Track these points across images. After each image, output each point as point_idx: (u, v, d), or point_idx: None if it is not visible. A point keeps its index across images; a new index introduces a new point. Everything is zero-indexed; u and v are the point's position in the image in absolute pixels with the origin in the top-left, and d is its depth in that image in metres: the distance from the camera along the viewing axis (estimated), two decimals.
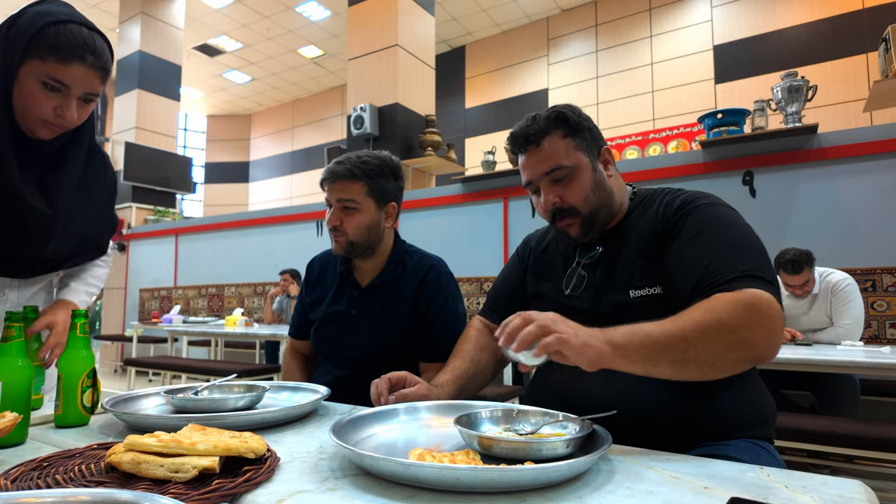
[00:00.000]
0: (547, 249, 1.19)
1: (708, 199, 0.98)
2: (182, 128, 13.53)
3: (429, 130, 5.13)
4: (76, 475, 0.61)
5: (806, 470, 0.68)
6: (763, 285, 0.82)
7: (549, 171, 1.01)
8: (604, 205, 1.03)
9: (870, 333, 2.93)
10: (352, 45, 5.68)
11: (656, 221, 0.99)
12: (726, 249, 0.88)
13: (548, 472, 0.58)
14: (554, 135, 1.01)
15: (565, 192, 1.01)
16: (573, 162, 1.01)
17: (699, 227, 0.92)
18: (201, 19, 9.34)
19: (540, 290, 1.14)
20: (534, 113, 1.05)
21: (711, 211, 0.95)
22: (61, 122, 0.98)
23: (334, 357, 1.43)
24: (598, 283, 1.03)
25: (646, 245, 0.99)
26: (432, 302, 1.37)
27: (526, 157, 1.04)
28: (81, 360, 0.90)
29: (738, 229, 0.92)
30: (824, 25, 6.68)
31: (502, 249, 4.20)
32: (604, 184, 1.03)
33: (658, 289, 0.95)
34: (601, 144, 1.06)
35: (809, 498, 0.57)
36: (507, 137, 1.08)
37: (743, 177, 3.32)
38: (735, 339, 0.78)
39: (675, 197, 1.01)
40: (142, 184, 6.88)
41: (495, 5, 8.64)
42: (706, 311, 0.79)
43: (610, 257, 1.04)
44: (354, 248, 1.36)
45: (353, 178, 1.33)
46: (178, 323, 5.10)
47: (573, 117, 1.02)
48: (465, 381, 1.11)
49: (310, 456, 0.73)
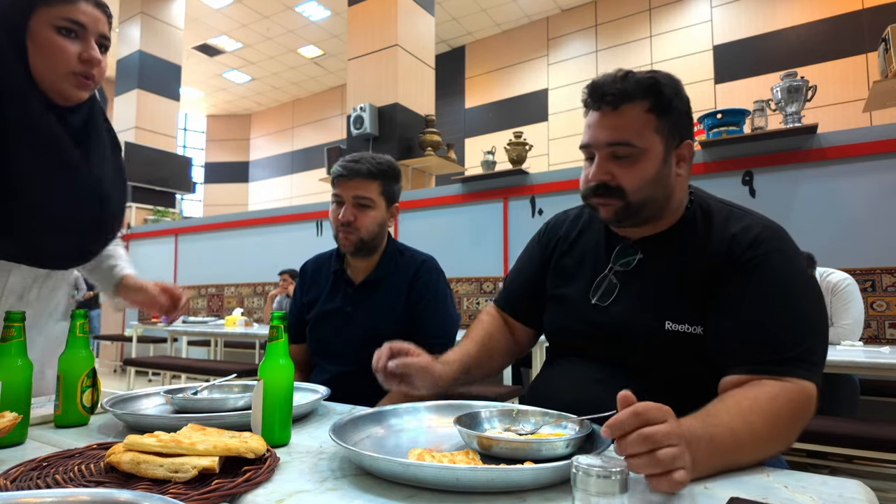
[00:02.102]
0: (577, 243, 1.05)
1: (782, 241, 0.86)
2: (182, 128, 13.53)
3: (429, 130, 5.13)
4: (76, 475, 0.61)
5: (805, 470, 0.68)
6: (815, 375, 0.77)
7: (614, 143, 0.87)
8: (655, 201, 0.90)
9: (869, 333, 2.93)
10: (352, 45, 5.68)
11: (719, 249, 0.86)
12: (791, 322, 0.80)
13: (547, 472, 0.58)
14: (638, 104, 0.86)
15: (620, 173, 0.88)
16: (645, 144, 0.86)
17: (769, 286, 0.82)
18: (201, 19, 9.34)
19: (562, 292, 1.03)
20: (628, 70, 0.90)
21: (787, 266, 0.83)
22: (90, 70, 0.93)
23: (330, 354, 1.44)
24: (631, 299, 0.92)
25: (697, 272, 0.87)
26: (422, 298, 1.39)
27: (597, 116, 0.89)
28: (81, 360, 0.90)
29: (809, 298, 0.82)
30: (824, 25, 6.68)
31: (502, 249, 4.20)
32: (667, 180, 0.89)
33: (699, 329, 0.85)
34: (686, 137, 0.91)
35: (809, 498, 0.57)
36: (587, 84, 0.92)
37: (743, 177, 3.32)
38: (784, 444, 0.75)
39: (745, 227, 0.87)
40: (141, 184, 6.87)
41: (495, 5, 8.64)
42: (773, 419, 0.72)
43: (649, 269, 0.92)
44: (364, 245, 1.38)
45: (371, 178, 1.36)
46: (178, 323, 5.09)
47: (669, 93, 0.87)
48: (473, 363, 1.03)
49: (309, 456, 0.73)
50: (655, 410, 0.60)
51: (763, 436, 0.70)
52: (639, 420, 0.58)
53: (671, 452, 0.57)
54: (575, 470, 0.46)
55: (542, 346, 3.20)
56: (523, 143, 4.25)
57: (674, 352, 0.87)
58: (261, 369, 0.80)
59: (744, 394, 0.74)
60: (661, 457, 0.56)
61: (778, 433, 0.72)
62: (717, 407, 0.72)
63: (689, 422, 0.66)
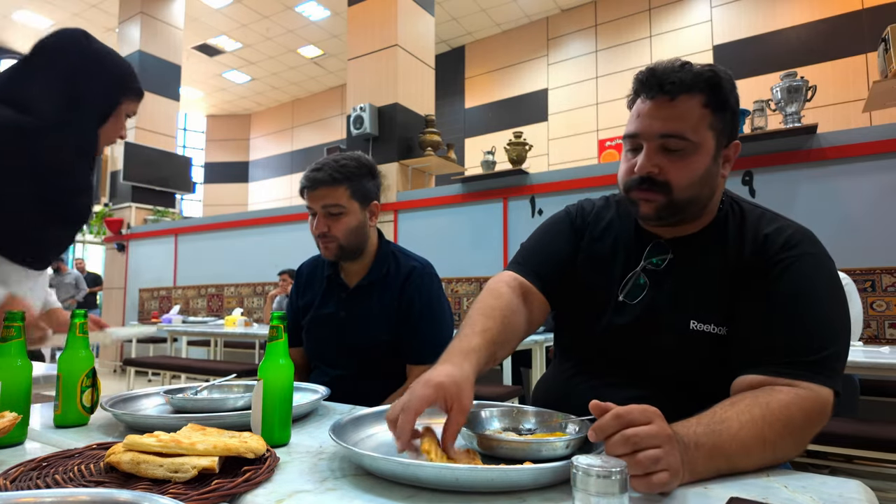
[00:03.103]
0: (608, 231, 1.00)
1: (814, 245, 0.85)
2: (182, 128, 13.52)
3: (428, 130, 5.12)
4: (75, 475, 0.61)
5: (805, 470, 0.69)
6: (835, 382, 0.75)
7: (668, 134, 0.83)
8: (700, 201, 0.87)
9: (869, 333, 2.94)
10: (351, 45, 5.68)
11: (750, 251, 0.85)
12: (816, 327, 0.78)
13: (547, 473, 0.58)
14: (695, 97, 0.83)
15: (669, 167, 0.84)
16: (698, 139, 0.83)
17: (799, 288, 0.80)
18: (201, 19, 9.33)
19: (589, 282, 0.98)
20: (686, 60, 0.87)
21: (818, 270, 0.82)
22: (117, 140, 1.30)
23: (327, 358, 1.44)
24: (658, 297, 0.90)
25: (727, 272, 0.86)
26: (414, 303, 1.36)
27: (651, 105, 0.85)
28: (81, 360, 0.89)
29: (837, 305, 0.81)
30: (824, 25, 6.68)
31: (502, 250, 4.20)
32: (714, 179, 0.87)
33: (723, 329, 0.84)
34: (734, 137, 0.89)
35: (809, 498, 0.57)
36: (642, 70, 0.88)
37: (742, 177, 3.32)
38: (795, 451, 0.73)
39: (778, 228, 0.86)
40: (141, 184, 6.87)
41: (495, 5, 8.64)
42: (784, 427, 0.70)
43: (679, 270, 0.90)
44: (345, 251, 1.36)
45: (335, 184, 1.32)
46: (178, 323, 5.09)
47: (726, 89, 0.85)
48: (498, 345, 0.89)
49: (309, 456, 0.73)
50: (639, 413, 0.60)
51: (773, 445, 0.69)
52: (620, 422, 0.59)
53: (652, 455, 0.57)
54: (575, 470, 0.46)
55: (541, 346, 3.20)
56: (523, 143, 4.25)
57: (695, 352, 0.86)
58: (261, 369, 0.80)
59: (755, 399, 0.72)
60: (641, 458, 0.57)
61: (789, 443, 0.71)
62: (726, 412, 0.69)
63: (690, 424, 0.66)
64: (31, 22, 9.82)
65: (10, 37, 10.62)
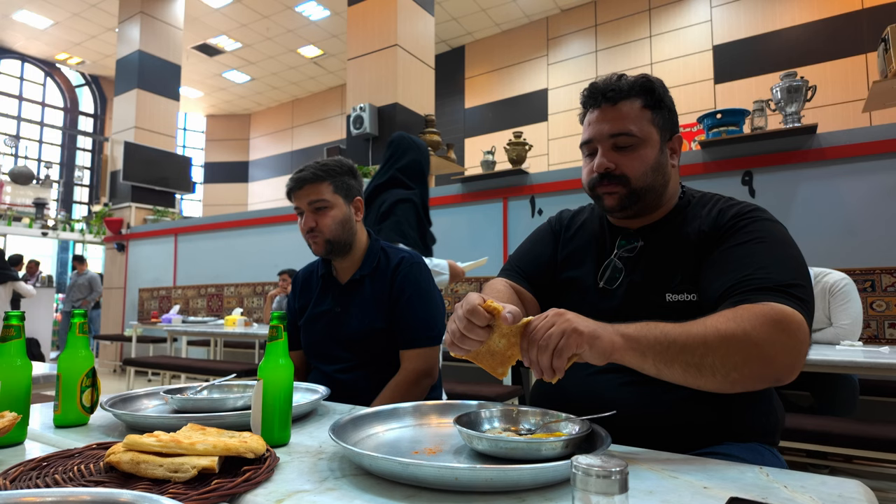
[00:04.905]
0: (581, 230, 1.11)
1: (766, 214, 0.93)
2: (181, 127, 13.52)
3: (428, 130, 5.12)
4: (75, 475, 0.61)
5: (805, 470, 0.69)
6: (798, 304, 0.77)
7: (616, 134, 0.95)
8: (655, 189, 0.97)
9: (869, 333, 2.93)
10: (351, 44, 5.68)
11: (707, 225, 0.94)
12: (771, 264, 0.83)
13: (547, 472, 0.58)
14: (634, 101, 0.96)
15: (623, 161, 0.95)
16: (643, 134, 0.95)
17: (750, 237, 0.88)
18: (201, 19, 9.33)
19: (570, 275, 1.07)
20: (621, 73, 0.99)
21: (767, 226, 0.90)
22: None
23: (324, 354, 1.46)
24: (634, 279, 0.98)
25: (691, 247, 0.94)
26: (405, 290, 1.41)
27: (598, 113, 0.98)
28: (80, 360, 0.90)
29: (790, 249, 0.87)
30: (823, 25, 6.68)
31: (502, 250, 4.20)
32: (665, 168, 0.98)
33: (695, 296, 0.91)
34: (675, 131, 1.00)
35: (808, 498, 0.57)
36: (586, 88, 1.01)
37: (742, 177, 3.32)
38: (757, 353, 0.73)
39: (731, 205, 0.96)
40: (141, 183, 6.87)
41: (495, 5, 8.64)
42: (731, 320, 0.75)
43: (649, 253, 0.99)
44: (333, 245, 1.41)
45: (318, 180, 1.39)
46: (178, 323, 5.09)
47: (659, 91, 0.97)
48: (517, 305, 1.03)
49: (309, 456, 0.73)
50: (538, 320, 0.75)
51: (720, 327, 0.74)
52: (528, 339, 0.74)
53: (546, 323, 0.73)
54: (575, 470, 0.46)
55: None
56: (523, 143, 4.25)
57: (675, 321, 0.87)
58: (260, 369, 0.80)
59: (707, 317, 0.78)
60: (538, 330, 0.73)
61: (741, 331, 0.73)
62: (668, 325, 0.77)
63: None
64: (32, 22, 9.83)
65: (10, 37, 10.63)
